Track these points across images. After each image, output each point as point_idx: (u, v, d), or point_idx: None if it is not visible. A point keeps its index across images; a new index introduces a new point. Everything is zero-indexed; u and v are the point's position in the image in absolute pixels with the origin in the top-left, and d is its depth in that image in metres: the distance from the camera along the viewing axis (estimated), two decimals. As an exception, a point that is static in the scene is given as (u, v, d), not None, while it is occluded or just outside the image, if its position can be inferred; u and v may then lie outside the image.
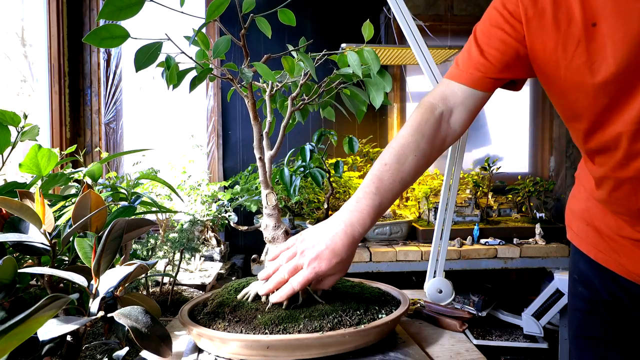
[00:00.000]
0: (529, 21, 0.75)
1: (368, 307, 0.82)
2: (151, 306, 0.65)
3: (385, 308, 0.84)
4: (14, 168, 0.95)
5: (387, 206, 0.84)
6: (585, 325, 0.93)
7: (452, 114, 0.88)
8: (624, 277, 0.84)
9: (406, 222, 2.25)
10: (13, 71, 2.30)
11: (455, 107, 0.88)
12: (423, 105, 0.89)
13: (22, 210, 0.61)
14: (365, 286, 0.96)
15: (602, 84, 0.69)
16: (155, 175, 1.42)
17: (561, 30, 0.72)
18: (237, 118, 2.86)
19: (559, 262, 2.15)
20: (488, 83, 0.84)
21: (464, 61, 0.86)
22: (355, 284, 0.96)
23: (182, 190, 1.75)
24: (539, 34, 0.75)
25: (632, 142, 0.71)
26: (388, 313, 0.82)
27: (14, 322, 0.43)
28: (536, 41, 0.76)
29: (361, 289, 0.92)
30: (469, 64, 0.85)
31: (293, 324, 0.75)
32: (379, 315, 0.81)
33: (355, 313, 0.79)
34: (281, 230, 0.91)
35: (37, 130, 0.92)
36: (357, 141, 1.28)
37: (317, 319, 0.76)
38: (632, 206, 0.77)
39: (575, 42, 0.70)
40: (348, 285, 0.95)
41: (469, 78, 0.85)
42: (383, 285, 0.99)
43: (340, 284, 0.95)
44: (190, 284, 1.62)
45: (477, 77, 0.84)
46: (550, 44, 0.74)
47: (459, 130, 0.90)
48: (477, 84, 0.85)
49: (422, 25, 2.43)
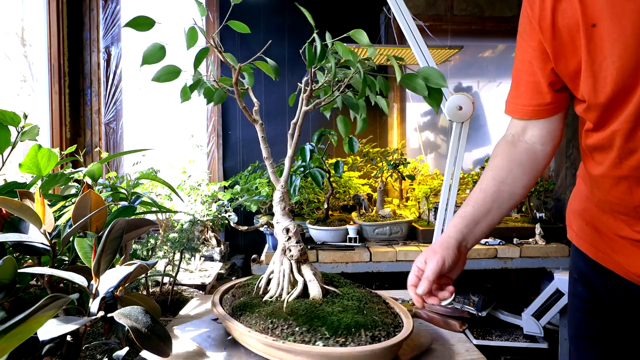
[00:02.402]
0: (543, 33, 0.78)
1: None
2: (151, 306, 0.65)
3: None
4: (14, 168, 0.95)
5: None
6: (585, 324, 0.93)
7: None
8: (623, 276, 0.85)
9: (406, 222, 2.25)
10: (13, 71, 2.30)
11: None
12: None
13: (22, 210, 0.61)
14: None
15: (602, 82, 0.70)
16: (155, 175, 1.42)
17: (564, 34, 0.73)
18: (237, 118, 2.86)
19: (559, 262, 2.15)
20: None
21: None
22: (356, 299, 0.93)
23: (182, 190, 1.75)
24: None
25: (626, 140, 0.73)
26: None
27: (14, 322, 0.43)
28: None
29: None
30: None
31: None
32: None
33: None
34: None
35: (37, 130, 0.92)
36: (357, 141, 1.28)
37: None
38: (629, 205, 0.78)
39: (577, 44, 0.72)
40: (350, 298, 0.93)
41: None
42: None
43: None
44: (190, 284, 1.62)
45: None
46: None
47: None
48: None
49: (422, 25, 2.43)
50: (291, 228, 0.93)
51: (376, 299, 0.93)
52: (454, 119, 1.10)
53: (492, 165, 0.94)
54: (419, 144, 3.11)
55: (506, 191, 0.91)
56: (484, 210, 0.91)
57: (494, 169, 0.93)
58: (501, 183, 0.91)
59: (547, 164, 0.94)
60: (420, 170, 2.71)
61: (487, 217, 0.91)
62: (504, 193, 0.91)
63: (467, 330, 2.24)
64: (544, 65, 0.82)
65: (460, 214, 0.93)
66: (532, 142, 0.92)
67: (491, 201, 0.91)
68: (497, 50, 3.15)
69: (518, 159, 0.92)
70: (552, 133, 0.91)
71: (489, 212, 0.91)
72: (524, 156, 0.91)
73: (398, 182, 2.61)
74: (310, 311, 0.82)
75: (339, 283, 0.99)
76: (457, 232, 0.91)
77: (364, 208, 2.39)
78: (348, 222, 2.25)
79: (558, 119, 0.89)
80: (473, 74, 3.16)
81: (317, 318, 0.80)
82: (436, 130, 3.13)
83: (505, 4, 3.02)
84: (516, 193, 0.91)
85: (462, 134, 1.10)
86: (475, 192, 0.93)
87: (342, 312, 0.82)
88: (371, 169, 2.66)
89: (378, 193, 2.42)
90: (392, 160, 2.41)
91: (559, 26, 0.75)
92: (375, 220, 2.24)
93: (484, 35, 3.09)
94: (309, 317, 0.80)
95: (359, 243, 2.15)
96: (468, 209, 0.92)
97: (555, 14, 0.75)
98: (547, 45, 0.79)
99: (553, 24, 0.76)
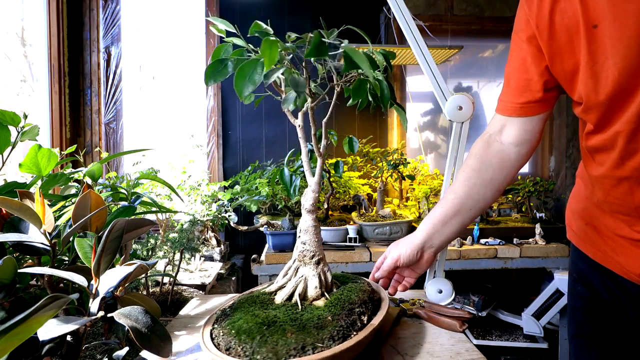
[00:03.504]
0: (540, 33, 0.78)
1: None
2: (151, 306, 0.65)
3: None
4: (14, 168, 0.95)
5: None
6: (584, 324, 0.93)
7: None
8: (622, 276, 0.85)
9: (406, 222, 2.25)
10: (13, 71, 2.30)
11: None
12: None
13: (22, 210, 0.61)
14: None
15: (604, 83, 0.70)
16: (155, 175, 1.42)
17: (561, 35, 0.73)
18: (237, 118, 2.86)
19: (559, 262, 2.15)
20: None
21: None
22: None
23: (182, 190, 1.75)
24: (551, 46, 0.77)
25: (629, 141, 0.72)
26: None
27: (14, 322, 0.43)
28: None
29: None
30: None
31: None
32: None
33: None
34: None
35: (37, 130, 0.92)
36: (357, 141, 1.28)
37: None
38: (629, 206, 0.78)
39: (575, 45, 0.72)
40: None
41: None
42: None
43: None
44: (190, 284, 1.62)
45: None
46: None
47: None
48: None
49: (422, 25, 2.43)
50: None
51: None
52: (454, 119, 1.09)
53: (464, 166, 0.97)
54: (419, 144, 3.11)
55: (475, 193, 0.93)
56: (452, 212, 0.94)
57: (465, 170, 0.95)
58: (472, 185, 0.93)
59: (520, 166, 0.94)
60: (420, 170, 2.71)
61: (456, 218, 0.94)
62: (473, 195, 0.93)
63: (467, 330, 2.24)
64: (539, 62, 0.81)
65: (430, 214, 0.98)
66: (508, 142, 0.92)
67: (460, 203, 0.94)
68: (497, 50, 3.15)
69: (489, 160, 0.93)
70: (529, 133, 0.90)
71: (457, 213, 0.94)
72: (495, 158, 0.92)
73: (398, 182, 2.61)
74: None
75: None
76: (421, 232, 0.97)
77: (364, 208, 2.39)
78: (348, 222, 2.25)
79: (539, 119, 0.89)
80: (473, 74, 3.16)
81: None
82: (436, 130, 3.13)
83: (505, 4, 3.02)
84: (487, 195, 0.93)
85: (462, 134, 1.10)
86: (447, 192, 0.97)
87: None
88: (371, 169, 2.66)
89: (378, 193, 2.42)
90: (392, 160, 2.41)
91: (556, 26, 0.75)
92: (375, 220, 2.24)
93: (483, 35, 3.09)
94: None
95: (359, 243, 2.15)
96: (437, 209, 0.97)
97: (554, 13, 0.74)
98: (543, 44, 0.78)
99: (550, 23, 0.75)
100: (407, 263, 0.98)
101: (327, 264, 0.92)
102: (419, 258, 0.98)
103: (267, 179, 2.23)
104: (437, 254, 1.00)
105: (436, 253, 1.00)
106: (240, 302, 0.87)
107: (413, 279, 1.02)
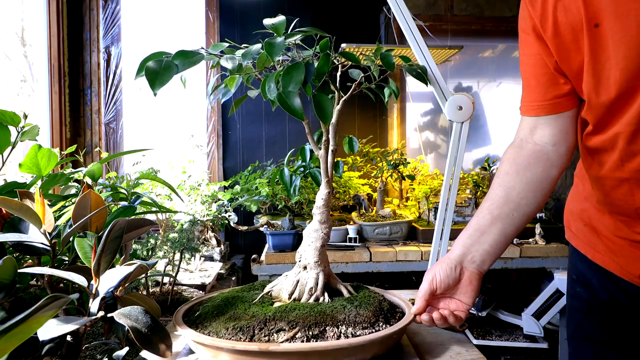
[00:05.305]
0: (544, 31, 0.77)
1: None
2: (151, 306, 0.65)
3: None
4: (14, 168, 0.95)
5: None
6: (583, 325, 0.92)
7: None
8: (622, 277, 0.84)
9: (406, 222, 2.25)
10: (13, 71, 2.30)
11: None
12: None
13: (22, 210, 0.61)
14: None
15: (605, 83, 0.70)
16: (155, 175, 1.42)
17: (566, 33, 0.73)
18: (237, 118, 2.86)
19: (559, 262, 2.15)
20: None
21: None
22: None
23: (182, 190, 1.75)
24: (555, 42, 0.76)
25: (629, 143, 0.72)
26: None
27: (14, 322, 0.43)
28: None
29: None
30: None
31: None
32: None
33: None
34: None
35: (37, 130, 0.92)
36: (357, 141, 1.28)
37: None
38: (629, 207, 0.77)
39: (581, 43, 0.71)
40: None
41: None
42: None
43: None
44: (190, 284, 1.62)
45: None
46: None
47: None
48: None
49: (422, 25, 2.43)
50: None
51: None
52: (454, 119, 1.09)
53: (498, 173, 0.89)
54: (419, 144, 3.10)
55: (515, 196, 0.84)
56: (489, 218, 0.84)
57: (499, 176, 0.87)
58: (510, 188, 0.84)
59: (562, 167, 0.85)
60: (420, 170, 2.71)
61: (495, 225, 0.84)
62: (512, 198, 0.84)
63: (467, 330, 2.24)
64: (551, 58, 0.78)
65: (465, 227, 0.88)
66: (543, 142, 0.85)
67: (497, 207, 0.84)
68: (497, 50, 3.15)
69: (525, 161, 0.85)
70: (563, 133, 0.83)
71: (496, 219, 0.84)
72: (531, 158, 0.84)
73: (398, 182, 2.61)
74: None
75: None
76: (457, 245, 0.85)
77: (364, 208, 2.39)
78: (348, 222, 2.25)
79: (571, 116, 0.82)
80: (473, 74, 3.16)
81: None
82: (436, 130, 3.13)
83: (505, 4, 3.02)
84: (529, 196, 0.84)
85: (462, 134, 1.10)
86: (482, 202, 0.88)
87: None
88: (371, 169, 2.66)
89: (378, 193, 2.42)
90: (392, 160, 2.41)
91: (560, 25, 0.74)
92: (375, 220, 2.24)
93: (483, 35, 3.09)
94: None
95: (359, 243, 2.15)
96: (472, 220, 0.87)
97: (556, 10, 0.73)
98: (549, 42, 0.77)
99: (555, 22, 0.74)
100: (446, 284, 0.82)
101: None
102: (459, 277, 0.82)
103: (267, 179, 2.23)
104: (482, 272, 0.84)
105: (481, 272, 0.84)
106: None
107: (462, 311, 0.82)
